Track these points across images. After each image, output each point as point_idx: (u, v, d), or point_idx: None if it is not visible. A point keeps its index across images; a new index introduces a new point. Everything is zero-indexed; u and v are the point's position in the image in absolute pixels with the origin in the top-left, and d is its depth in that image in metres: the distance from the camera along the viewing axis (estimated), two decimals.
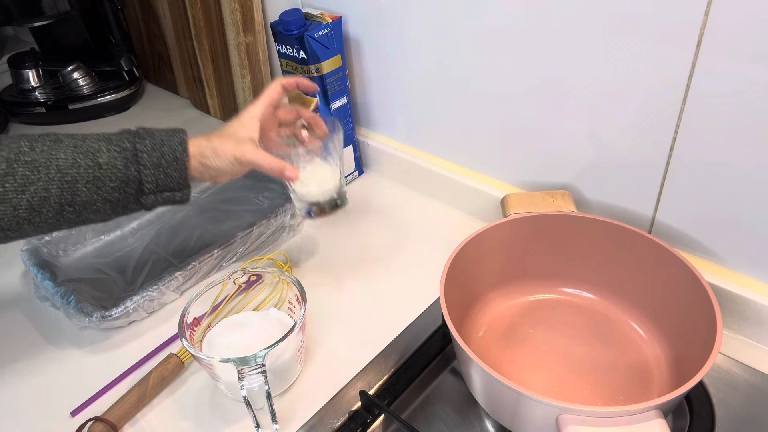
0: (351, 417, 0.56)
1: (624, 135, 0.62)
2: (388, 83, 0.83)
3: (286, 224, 0.79)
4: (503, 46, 0.66)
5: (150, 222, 0.85)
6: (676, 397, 0.44)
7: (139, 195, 0.57)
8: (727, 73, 0.52)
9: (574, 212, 0.63)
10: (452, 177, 0.81)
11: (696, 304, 0.53)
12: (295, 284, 0.59)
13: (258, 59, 0.94)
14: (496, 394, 0.51)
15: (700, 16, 0.51)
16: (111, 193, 0.55)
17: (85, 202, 0.54)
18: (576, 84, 0.63)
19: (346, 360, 0.62)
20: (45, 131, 0.55)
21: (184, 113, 1.15)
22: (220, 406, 0.59)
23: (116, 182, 0.55)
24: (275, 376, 0.57)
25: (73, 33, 1.20)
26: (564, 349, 0.60)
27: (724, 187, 0.57)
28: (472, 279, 0.61)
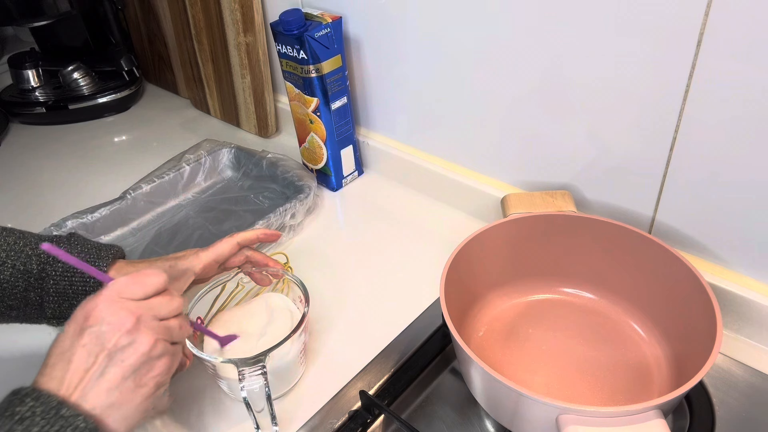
0: (351, 417, 0.56)
1: (624, 135, 0.62)
2: (388, 83, 0.83)
3: (286, 224, 0.79)
4: (503, 46, 0.66)
5: (150, 222, 0.85)
6: (676, 397, 0.44)
7: (41, 318, 0.55)
8: (727, 73, 0.52)
9: (574, 212, 0.63)
10: (452, 177, 0.81)
11: (696, 304, 0.53)
12: (298, 284, 0.59)
13: (258, 59, 0.94)
14: (496, 394, 0.51)
15: (700, 16, 0.51)
16: (10, 310, 0.53)
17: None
18: (576, 84, 0.63)
19: (346, 360, 0.62)
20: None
21: (184, 113, 1.15)
22: (221, 406, 0.59)
23: (15, 301, 0.53)
24: (278, 378, 0.57)
25: (73, 33, 1.20)
26: (564, 349, 0.60)
27: (724, 187, 0.57)
28: (472, 279, 0.61)
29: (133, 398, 0.42)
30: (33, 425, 0.38)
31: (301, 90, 0.82)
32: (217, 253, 0.58)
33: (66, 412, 0.39)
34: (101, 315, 0.42)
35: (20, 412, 0.38)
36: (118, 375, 0.42)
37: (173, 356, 0.46)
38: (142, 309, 0.44)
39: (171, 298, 0.46)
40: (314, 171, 0.90)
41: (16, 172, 1.02)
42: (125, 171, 0.95)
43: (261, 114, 1.01)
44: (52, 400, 0.39)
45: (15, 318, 0.55)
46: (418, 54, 0.76)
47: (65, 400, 0.40)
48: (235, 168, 0.94)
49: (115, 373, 0.42)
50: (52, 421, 0.38)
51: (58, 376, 0.41)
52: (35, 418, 0.38)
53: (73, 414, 0.39)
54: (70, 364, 0.41)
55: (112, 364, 0.42)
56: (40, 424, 0.38)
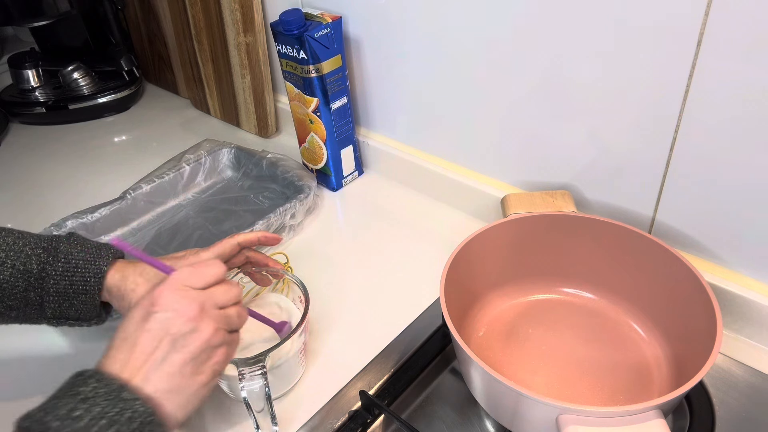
0: (351, 417, 0.56)
1: (624, 135, 0.62)
2: (388, 83, 0.83)
3: (286, 224, 0.79)
4: (503, 46, 0.66)
5: (150, 222, 0.85)
6: (676, 397, 0.44)
7: (41, 318, 0.55)
8: (727, 73, 0.52)
9: (574, 212, 0.63)
10: (452, 177, 0.81)
11: (696, 304, 0.53)
12: (298, 285, 0.59)
13: (258, 59, 0.94)
14: (496, 394, 0.51)
15: (700, 16, 0.51)
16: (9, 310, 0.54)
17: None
18: (576, 84, 0.63)
19: (346, 360, 0.62)
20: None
21: (184, 113, 1.15)
22: (221, 406, 0.59)
23: (15, 301, 0.53)
24: (278, 378, 0.57)
25: (73, 33, 1.20)
26: (564, 349, 0.60)
27: (724, 187, 0.57)
28: (472, 279, 0.61)
29: (191, 385, 0.43)
30: (95, 405, 0.38)
31: (301, 90, 0.82)
32: (217, 254, 0.58)
33: (127, 395, 0.40)
34: (166, 302, 0.43)
35: (83, 392, 0.39)
36: (179, 361, 0.42)
37: (230, 345, 0.47)
38: (204, 297, 0.45)
39: (230, 286, 0.47)
40: (314, 171, 0.90)
41: (16, 172, 1.02)
42: (125, 171, 0.95)
43: (261, 114, 1.01)
44: (114, 383, 0.40)
45: (15, 318, 0.55)
46: (418, 54, 0.76)
47: (127, 383, 0.40)
48: (235, 168, 0.94)
49: (177, 358, 0.42)
50: (113, 402, 0.39)
51: (122, 358, 0.42)
52: (97, 398, 0.39)
53: (133, 397, 0.40)
54: (134, 348, 0.42)
55: (174, 349, 0.42)
56: (101, 404, 0.39)
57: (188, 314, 0.43)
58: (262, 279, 0.62)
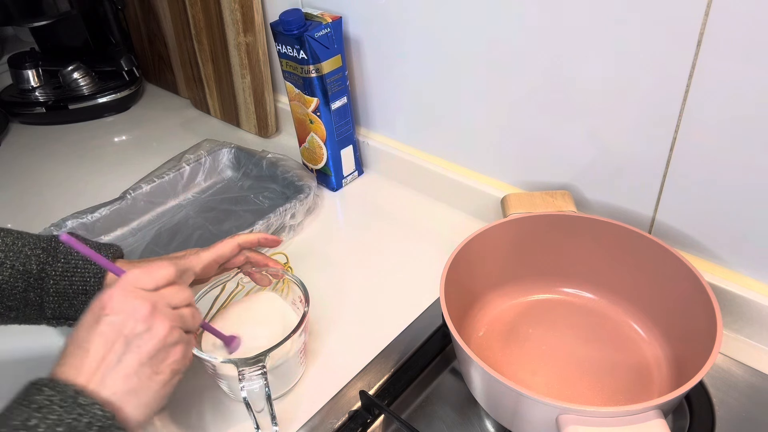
0: (351, 417, 0.56)
1: (624, 135, 0.62)
2: (388, 83, 0.83)
3: (286, 224, 0.79)
4: (503, 46, 0.66)
5: (150, 222, 0.85)
6: (676, 397, 0.44)
7: (41, 319, 0.55)
8: (727, 73, 0.52)
9: (574, 212, 0.63)
10: (452, 177, 0.81)
11: (696, 304, 0.53)
12: (298, 285, 0.59)
13: (258, 59, 0.94)
14: (496, 394, 0.51)
15: (700, 16, 0.51)
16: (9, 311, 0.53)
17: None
18: (576, 84, 0.63)
19: (346, 360, 0.62)
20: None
21: (184, 113, 1.15)
22: (221, 406, 0.59)
23: (14, 302, 0.53)
24: (278, 378, 0.57)
25: (73, 33, 1.20)
26: (564, 349, 0.60)
27: (724, 187, 0.57)
28: (472, 279, 0.61)
29: (150, 385, 0.43)
30: (51, 413, 0.38)
31: (301, 90, 0.82)
32: (217, 254, 0.58)
33: (83, 400, 0.39)
34: (117, 304, 0.43)
35: (38, 401, 0.38)
36: (135, 361, 0.42)
37: (187, 344, 0.46)
38: (156, 297, 0.44)
39: (181, 288, 0.47)
40: (314, 171, 0.90)
41: (16, 172, 1.02)
42: (125, 171, 0.95)
43: (261, 114, 1.01)
44: (69, 389, 0.39)
45: (14, 319, 0.55)
46: (418, 54, 0.76)
47: (83, 389, 0.40)
48: (235, 168, 0.94)
49: (132, 359, 0.42)
50: (69, 409, 0.38)
51: (76, 364, 0.41)
52: (53, 406, 0.38)
53: (90, 402, 0.39)
54: (87, 353, 0.41)
55: (129, 350, 0.42)
56: (57, 412, 0.38)
57: (141, 314, 0.42)
58: (262, 279, 0.62)
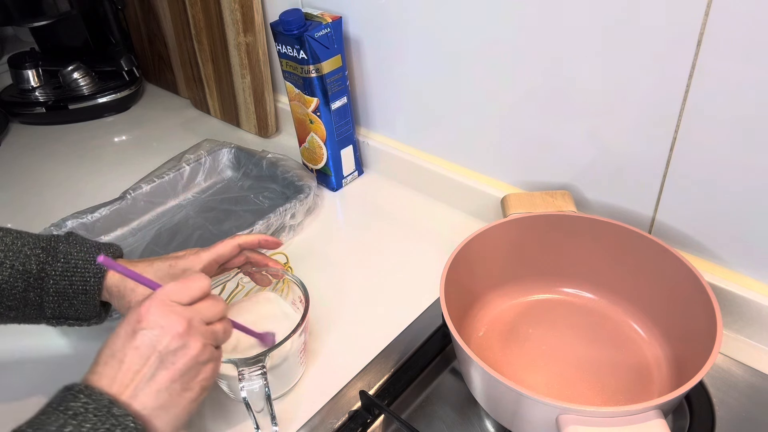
0: (351, 417, 0.56)
1: (624, 135, 0.62)
2: (388, 83, 0.83)
3: (286, 224, 0.79)
4: (504, 45, 0.66)
5: (150, 222, 0.85)
6: (676, 397, 0.44)
7: (41, 318, 0.55)
8: (727, 73, 0.52)
9: (574, 212, 0.63)
10: (452, 177, 0.81)
11: (696, 304, 0.53)
12: (298, 285, 0.59)
13: (258, 59, 0.94)
14: (496, 394, 0.51)
15: (700, 16, 0.51)
16: (9, 311, 0.54)
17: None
18: (576, 84, 0.63)
19: (346, 360, 0.62)
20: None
21: (184, 113, 1.15)
22: (221, 406, 0.59)
23: (14, 301, 0.53)
24: (278, 378, 0.57)
25: (73, 33, 1.20)
26: (564, 349, 0.60)
27: (724, 187, 0.57)
28: (472, 279, 0.61)
29: (180, 401, 0.43)
30: (86, 421, 0.38)
31: (301, 90, 0.82)
32: (217, 254, 0.58)
33: (117, 411, 0.40)
34: (153, 318, 0.43)
35: (74, 407, 0.39)
36: (168, 378, 0.42)
37: (217, 361, 0.47)
38: (192, 313, 0.44)
39: (215, 301, 0.47)
40: (314, 171, 0.90)
41: (16, 172, 1.02)
42: (125, 171, 0.95)
43: (261, 114, 1.01)
44: (104, 398, 0.40)
45: (14, 318, 0.55)
46: (418, 54, 0.76)
47: (116, 399, 0.40)
48: (235, 168, 0.94)
49: (165, 375, 0.42)
50: (103, 419, 0.39)
51: (110, 374, 0.42)
52: (87, 414, 0.39)
53: (123, 413, 0.40)
54: (122, 364, 0.42)
55: (162, 366, 0.42)
56: (92, 420, 0.38)
57: (176, 331, 0.43)
58: (262, 279, 0.62)
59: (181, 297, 0.45)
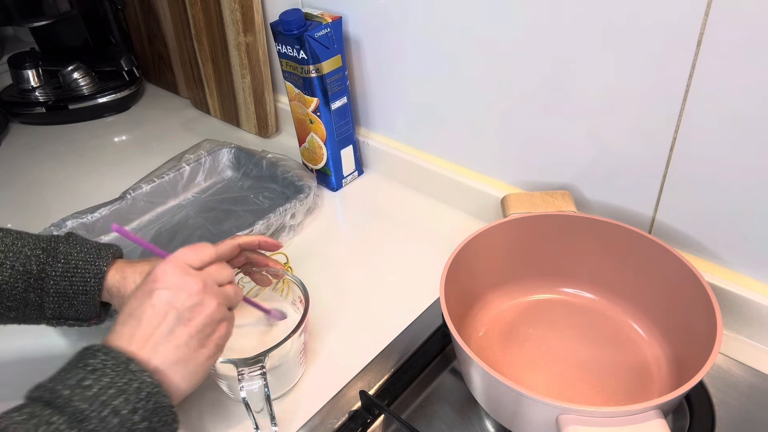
0: (351, 417, 0.56)
1: (624, 135, 0.62)
2: (388, 83, 0.83)
3: (286, 224, 0.79)
4: (504, 45, 0.66)
5: (150, 222, 0.85)
6: (676, 397, 0.44)
7: (41, 319, 0.55)
8: (727, 73, 0.52)
9: (574, 212, 0.63)
10: (452, 177, 0.81)
11: (696, 304, 0.53)
12: (298, 285, 0.59)
13: (258, 59, 0.94)
14: (496, 394, 0.51)
15: (700, 16, 0.51)
16: (9, 311, 0.54)
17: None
18: (576, 84, 0.63)
19: (346, 360, 0.62)
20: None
21: (184, 113, 1.15)
22: (221, 406, 0.59)
23: (14, 302, 0.53)
24: (278, 378, 0.57)
25: (73, 33, 1.20)
26: (564, 349, 0.60)
27: (724, 187, 0.57)
28: (472, 279, 0.61)
29: (197, 357, 0.45)
30: (104, 376, 0.40)
31: (301, 90, 0.82)
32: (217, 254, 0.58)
33: (134, 367, 0.41)
34: (170, 278, 0.45)
35: (92, 364, 0.40)
36: (185, 333, 0.44)
37: (230, 321, 0.49)
38: (204, 275, 0.47)
39: (223, 266, 0.49)
40: (314, 171, 0.90)
41: (16, 172, 1.02)
42: (125, 171, 0.95)
43: (261, 114, 1.01)
44: (122, 355, 0.41)
45: (14, 319, 0.55)
46: (418, 54, 0.76)
47: (134, 356, 0.42)
48: (235, 168, 0.94)
49: (182, 331, 0.44)
50: (121, 373, 0.40)
51: (128, 333, 0.43)
52: (106, 370, 0.40)
53: (140, 369, 0.41)
54: (140, 322, 0.43)
55: (179, 323, 0.44)
56: (110, 375, 0.40)
57: (192, 289, 0.45)
58: (262, 279, 0.62)
59: (192, 260, 0.47)
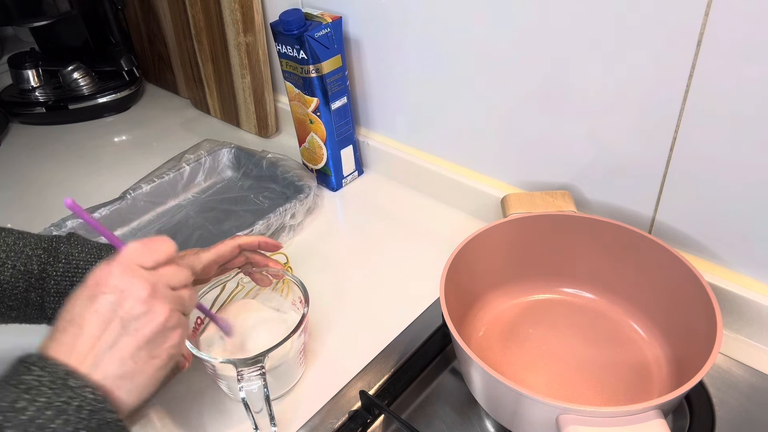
0: (351, 417, 0.56)
1: (624, 135, 0.62)
2: (388, 83, 0.83)
3: (286, 224, 0.79)
4: (504, 45, 0.66)
5: (150, 222, 0.85)
6: (676, 397, 0.44)
7: (42, 319, 0.55)
8: (727, 73, 0.52)
9: (574, 212, 0.63)
10: (452, 177, 0.81)
11: (696, 304, 0.53)
12: (298, 285, 0.59)
13: (258, 59, 0.94)
14: (496, 394, 0.51)
15: (700, 16, 0.51)
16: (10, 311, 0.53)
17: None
18: (576, 84, 0.63)
19: (346, 360, 0.62)
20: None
21: (184, 113, 1.15)
22: (221, 406, 0.59)
23: (15, 302, 0.53)
24: (278, 378, 0.57)
25: (73, 33, 1.20)
26: (564, 349, 0.60)
27: (724, 187, 0.57)
28: (472, 279, 0.61)
29: (146, 369, 0.41)
30: (40, 395, 0.36)
31: (301, 90, 0.82)
32: (217, 254, 0.58)
33: (74, 383, 0.37)
34: (115, 281, 0.40)
35: (27, 381, 0.37)
36: (132, 345, 0.40)
37: (185, 328, 0.44)
38: (156, 278, 0.42)
39: (179, 268, 0.45)
40: (314, 171, 0.90)
41: (16, 172, 1.02)
42: (125, 171, 0.95)
43: (261, 114, 1.01)
44: (60, 370, 0.38)
45: (15, 318, 0.55)
46: (418, 54, 0.76)
47: (74, 370, 0.38)
48: (235, 168, 0.94)
49: (129, 342, 0.40)
50: (59, 391, 0.37)
51: (68, 342, 0.39)
52: (42, 387, 0.37)
53: (81, 384, 0.38)
54: (81, 331, 0.39)
55: (125, 333, 0.40)
56: (47, 394, 0.36)
57: (140, 295, 0.40)
58: (262, 279, 0.62)
59: (144, 260, 0.42)
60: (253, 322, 0.59)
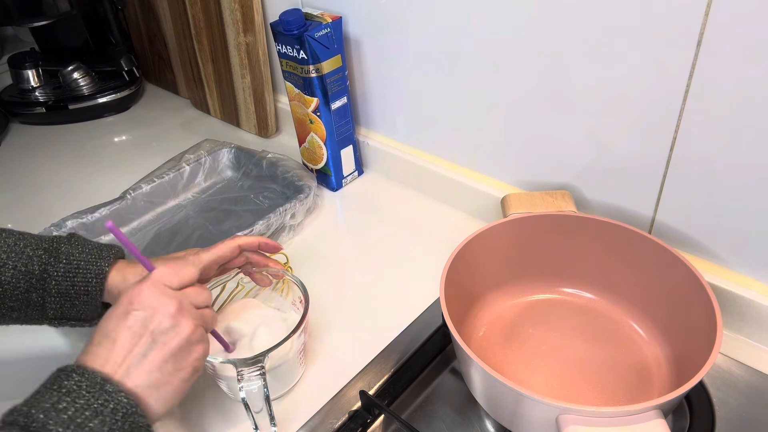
0: (351, 417, 0.56)
1: (624, 135, 0.62)
2: (388, 83, 0.83)
3: (286, 224, 0.79)
4: (504, 45, 0.66)
5: (150, 222, 0.85)
6: (676, 397, 0.44)
7: (43, 319, 0.55)
8: (727, 73, 0.52)
9: (574, 212, 0.63)
10: (452, 177, 0.81)
11: (696, 304, 0.53)
12: (298, 285, 0.59)
13: (258, 59, 0.95)
14: (496, 394, 0.51)
15: (700, 16, 0.51)
16: (11, 311, 0.54)
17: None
18: (576, 84, 0.63)
19: (346, 360, 0.62)
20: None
21: (184, 113, 1.15)
22: (221, 406, 0.59)
23: (16, 302, 0.53)
24: (278, 378, 0.57)
25: (73, 33, 1.20)
26: (564, 349, 0.60)
27: (724, 187, 0.57)
28: (472, 279, 0.61)
29: (172, 380, 0.44)
30: (79, 398, 0.39)
31: (301, 90, 0.82)
32: (217, 255, 0.58)
33: (110, 388, 0.41)
34: (145, 299, 0.44)
35: (67, 385, 0.40)
36: (160, 357, 0.44)
37: (207, 343, 0.48)
38: (182, 296, 0.46)
39: (202, 289, 0.49)
40: (314, 171, 0.90)
41: (16, 172, 1.02)
42: (125, 171, 0.95)
43: (261, 114, 1.01)
44: (97, 376, 0.41)
45: (16, 319, 0.55)
46: (418, 54, 0.76)
47: (109, 378, 0.41)
48: (235, 168, 0.94)
49: (157, 355, 0.44)
50: (96, 395, 0.40)
51: (103, 355, 0.43)
52: (81, 391, 0.40)
53: (116, 390, 0.41)
54: (114, 344, 0.43)
55: (154, 346, 0.44)
56: (85, 396, 0.40)
57: (167, 311, 0.45)
58: (262, 279, 0.62)
59: (171, 281, 0.47)
60: (253, 322, 0.59)
